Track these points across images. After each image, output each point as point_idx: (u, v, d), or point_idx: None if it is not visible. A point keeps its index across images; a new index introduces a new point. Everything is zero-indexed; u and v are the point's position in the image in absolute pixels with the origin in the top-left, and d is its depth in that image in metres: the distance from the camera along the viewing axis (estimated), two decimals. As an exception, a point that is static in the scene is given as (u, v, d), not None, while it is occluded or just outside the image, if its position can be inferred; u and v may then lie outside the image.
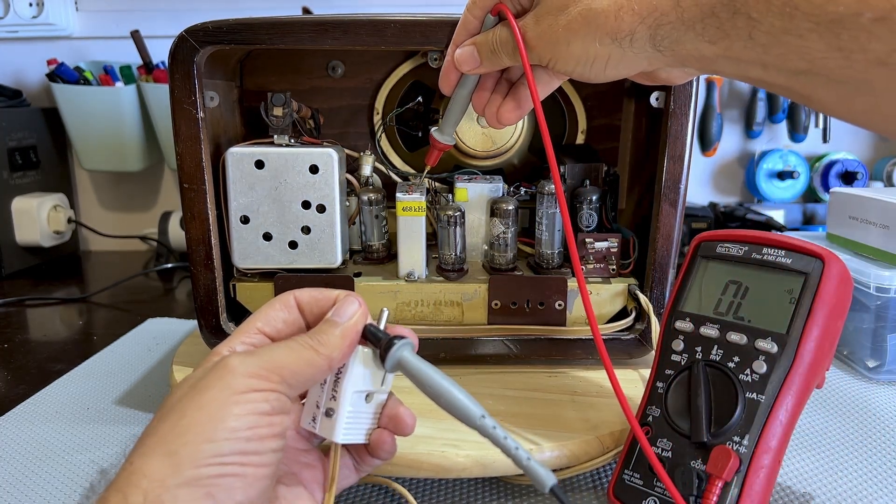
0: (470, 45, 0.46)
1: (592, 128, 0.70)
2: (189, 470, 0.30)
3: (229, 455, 0.31)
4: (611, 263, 0.61)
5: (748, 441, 0.39)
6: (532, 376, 0.59)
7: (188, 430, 0.30)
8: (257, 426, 0.32)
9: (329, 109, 0.70)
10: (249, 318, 0.38)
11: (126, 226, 1.28)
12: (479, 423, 0.36)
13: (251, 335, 0.37)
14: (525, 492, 0.49)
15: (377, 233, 0.63)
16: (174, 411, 0.32)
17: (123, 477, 0.30)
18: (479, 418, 0.36)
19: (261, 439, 0.32)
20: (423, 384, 0.37)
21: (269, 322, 0.38)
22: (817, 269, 0.41)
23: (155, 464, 0.30)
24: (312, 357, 0.35)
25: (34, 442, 0.56)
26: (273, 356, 0.34)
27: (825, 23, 0.29)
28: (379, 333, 0.38)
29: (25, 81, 1.23)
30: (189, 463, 0.30)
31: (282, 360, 0.34)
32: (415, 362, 0.37)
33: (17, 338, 0.81)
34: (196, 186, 0.56)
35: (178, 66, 0.54)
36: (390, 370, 0.38)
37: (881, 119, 0.31)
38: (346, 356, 0.37)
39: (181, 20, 0.64)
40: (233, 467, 0.31)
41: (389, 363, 0.37)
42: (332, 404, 0.38)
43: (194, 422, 0.31)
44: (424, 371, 0.37)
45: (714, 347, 0.43)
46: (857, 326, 0.68)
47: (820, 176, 1.19)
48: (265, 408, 0.32)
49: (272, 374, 0.33)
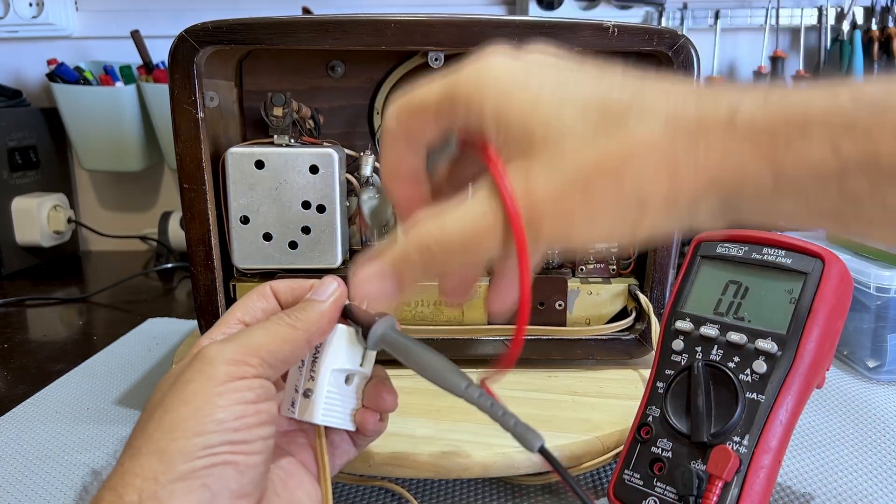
0: (377, 263, 0.31)
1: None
2: (181, 465, 0.29)
3: (219, 446, 0.30)
4: (611, 263, 0.61)
5: (748, 441, 0.39)
6: (532, 376, 0.59)
7: (175, 427, 0.30)
8: (244, 415, 0.32)
9: (329, 109, 0.70)
10: (229, 310, 0.38)
11: (126, 226, 1.28)
12: (465, 392, 0.36)
13: (231, 326, 0.37)
14: (526, 492, 0.49)
15: (377, 233, 0.63)
16: (159, 408, 0.31)
17: (116, 477, 0.30)
18: (464, 388, 0.36)
19: (249, 428, 0.32)
20: (407, 358, 0.37)
21: (248, 312, 0.38)
22: (817, 269, 0.41)
23: (146, 462, 0.29)
24: (289, 333, 0.34)
25: (34, 442, 0.56)
26: (250, 339, 0.34)
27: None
28: (360, 312, 0.37)
29: (25, 81, 1.23)
30: (180, 458, 0.30)
31: (258, 340, 0.34)
32: (398, 337, 0.37)
33: (17, 338, 0.81)
34: (196, 186, 0.56)
35: (178, 66, 0.53)
36: (372, 347, 0.37)
37: None
38: (324, 332, 0.37)
39: (181, 20, 0.64)
40: (224, 456, 0.31)
41: (372, 339, 0.37)
42: (310, 385, 0.38)
43: (181, 417, 0.30)
44: (408, 345, 0.37)
45: (714, 347, 0.43)
46: (857, 326, 0.68)
47: (820, 176, 1.19)
48: (250, 396, 0.32)
49: (251, 356, 0.33)
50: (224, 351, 0.33)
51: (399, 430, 0.48)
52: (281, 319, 0.35)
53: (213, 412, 0.31)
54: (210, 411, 0.31)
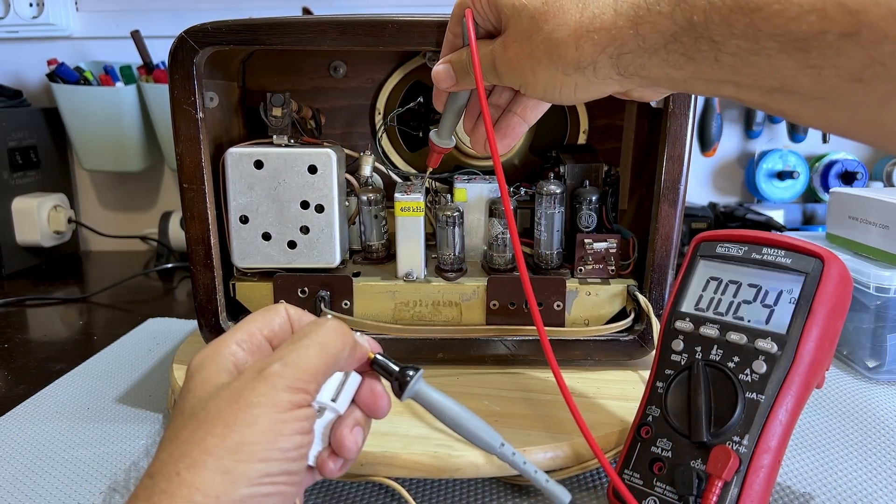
0: (445, 63, 0.46)
1: (594, 128, 0.70)
2: (242, 488, 0.30)
3: (278, 475, 0.31)
4: (610, 264, 0.61)
5: (748, 441, 0.39)
6: (530, 377, 0.59)
7: (241, 448, 0.30)
8: (301, 446, 0.32)
9: (331, 109, 0.70)
10: (248, 319, 0.38)
11: (126, 226, 1.28)
12: (500, 450, 0.39)
13: (255, 336, 0.37)
14: (524, 491, 0.49)
15: (376, 233, 0.63)
16: (221, 421, 0.31)
17: (172, 486, 0.29)
18: (498, 446, 0.39)
19: (301, 459, 0.33)
20: (440, 414, 0.38)
21: (266, 325, 0.38)
22: (817, 269, 0.41)
23: (208, 478, 0.30)
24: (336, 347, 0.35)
25: (34, 442, 0.56)
26: (308, 361, 0.34)
27: (791, 41, 0.29)
28: (390, 364, 0.38)
29: (25, 81, 1.23)
30: (244, 481, 0.30)
31: (314, 363, 0.34)
32: (432, 393, 0.38)
33: (17, 338, 0.81)
34: (196, 186, 0.56)
35: (178, 66, 0.54)
36: (404, 399, 0.38)
37: (863, 132, 0.30)
38: (355, 360, 0.37)
39: (181, 20, 0.64)
40: (279, 486, 0.31)
41: (408, 394, 0.38)
42: None
43: (245, 440, 0.31)
44: (442, 403, 0.38)
45: (714, 347, 0.43)
46: (857, 326, 0.68)
47: (820, 176, 1.19)
48: (307, 426, 0.33)
49: (309, 382, 0.33)
50: (286, 374, 0.33)
51: (392, 430, 0.48)
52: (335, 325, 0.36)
53: (278, 440, 0.31)
54: (275, 439, 0.31)
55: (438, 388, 0.39)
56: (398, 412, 0.43)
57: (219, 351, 0.35)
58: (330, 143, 0.59)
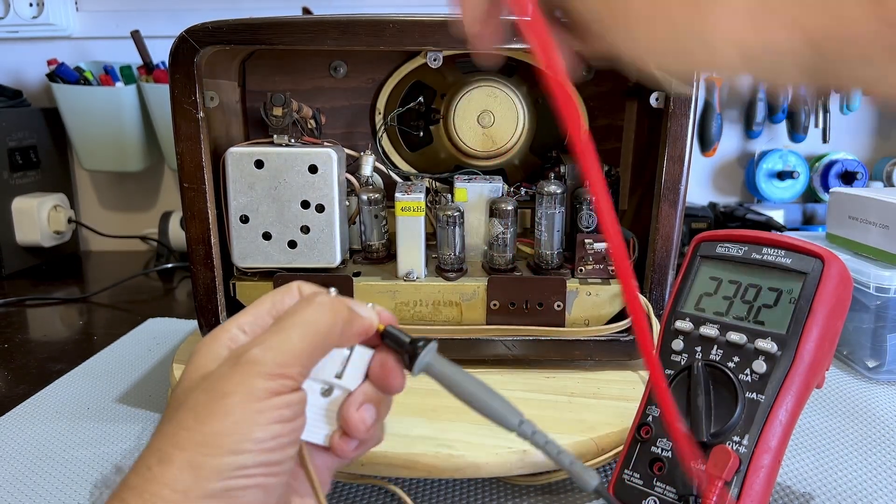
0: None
1: (595, 128, 0.70)
2: (213, 483, 0.29)
3: (253, 468, 0.30)
4: (610, 264, 0.61)
5: (748, 441, 0.39)
6: (530, 377, 0.59)
7: (211, 441, 0.29)
8: (280, 435, 0.31)
9: (331, 109, 0.70)
10: (259, 301, 0.36)
11: (126, 226, 1.28)
12: (519, 428, 0.35)
13: (262, 317, 0.35)
14: (523, 492, 0.49)
15: (377, 232, 0.63)
16: (193, 413, 0.30)
17: (142, 482, 0.29)
18: (517, 424, 0.35)
19: (283, 448, 0.31)
20: (454, 388, 0.35)
21: (275, 306, 0.36)
22: (817, 269, 0.41)
23: (178, 475, 0.28)
24: (328, 318, 0.33)
25: (34, 442, 0.56)
26: (290, 342, 0.32)
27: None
28: (401, 336, 0.36)
29: (25, 81, 1.23)
30: (213, 476, 0.29)
31: (297, 345, 0.32)
32: (445, 366, 0.35)
33: (17, 338, 0.81)
34: (196, 186, 0.56)
35: (179, 66, 0.54)
36: (416, 374, 0.35)
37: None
38: (354, 335, 0.35)
39: (181, 20, 0.64)
40: (256, 479, 0.30)
41: (418, 367, 0.35)
42: None
43: (217, 431, 0.29)
44: (456, 375, 0.35)
45: (714, 347, 0.43)
46: (857, 326, 0.68)
47: (820, 176, 1.19)
48: (287, 414, 0.31)
49: (292, 366, 0.32)
50: (265, 360, 0.31)
51: (393, 430, 0.48)
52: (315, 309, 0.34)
53: (252, 431, 0.30)
54: (249, 430, 0.30)
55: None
56: (399, 412, 0.43)
57: (216, 337, 0.34)
58: (330, 143, 0.59)
